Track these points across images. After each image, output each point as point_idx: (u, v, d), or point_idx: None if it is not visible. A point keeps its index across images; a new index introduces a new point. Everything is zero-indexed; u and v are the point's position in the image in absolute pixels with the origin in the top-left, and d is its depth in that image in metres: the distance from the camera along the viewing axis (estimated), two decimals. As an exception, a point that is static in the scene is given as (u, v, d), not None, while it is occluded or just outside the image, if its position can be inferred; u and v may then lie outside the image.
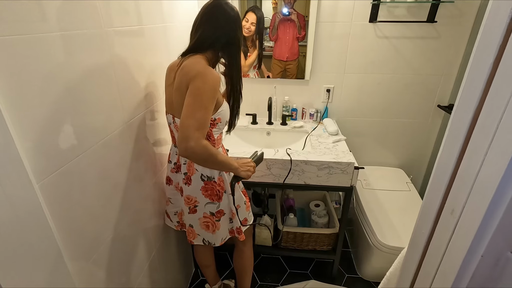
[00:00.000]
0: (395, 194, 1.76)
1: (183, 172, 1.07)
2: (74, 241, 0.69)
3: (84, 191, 0.73)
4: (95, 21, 0.73)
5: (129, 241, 0.99)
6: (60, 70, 0.63)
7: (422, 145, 1.91)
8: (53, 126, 0.62)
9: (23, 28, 0.53)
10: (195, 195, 1.07)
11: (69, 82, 0.66)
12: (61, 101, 0.64)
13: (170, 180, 1.16)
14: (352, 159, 1.38)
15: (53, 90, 0.61)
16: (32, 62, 0.56)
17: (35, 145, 0.56)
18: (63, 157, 0.65)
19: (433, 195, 0.45)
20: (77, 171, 0.69)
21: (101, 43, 0.77)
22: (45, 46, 0.58)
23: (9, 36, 0.50)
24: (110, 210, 0.86)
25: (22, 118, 0.53)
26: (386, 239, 1.45)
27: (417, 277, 0.51)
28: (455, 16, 1.54)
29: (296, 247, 1.68)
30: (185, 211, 1.12)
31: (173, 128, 1.05)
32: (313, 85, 1.78)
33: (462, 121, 0.39)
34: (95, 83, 0.75)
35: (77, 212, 0.70)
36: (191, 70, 0.88)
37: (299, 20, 1.63)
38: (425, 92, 1.75)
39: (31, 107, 0.56)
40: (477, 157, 0.36)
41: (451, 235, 0.42)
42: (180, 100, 0.90)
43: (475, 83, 0.36)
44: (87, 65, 0.71)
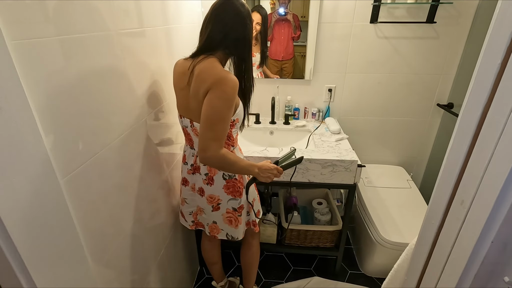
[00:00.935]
0: (396, 191, 1.79)
1: (203, 173, 1.08)
2: (93, 237, 0.71)
3: (100, 189, 0.75)
4: (106, 23, 0.75)
5: (140, 240, 1.01)
6: (80, 72, 0.65)
7: (422, 143, 1.95)
8: (75, 126, 0.64)
9: (46, 31, 0.55)
10: (218, 194, 1.10)
11: (88, 83, 0.68)
12: (82, 102, 0.66)
13: (186, 181, 1.16)
14: (355, 157, 1.41)
15: (74, 91, 0.63)
16: (57, 64, 0.58)
17: (60, 144, 0.58)
18: (83, 156, 0.67)
19: (443, 187, 0.48)
20: (95, 169, 0.71)
21: (113, 45, 0.79)
22: (67, 48, 0.60)
23: (35, 39, 0.52)
24: (123, 209, 0.88)
25: (50, 119, 0.55)
26: (389, 235, 1.49)
27: (427, 265, 0.53)
28: (453, 16, 1.58)
29: (300, 244, 1.71)
30: (207, 209, 1.14)
31: (190, 131, 1.05)
32: (315, 85, 1.81)
33: (471, 117, 0.42)
34: (109, 84, 0.77)
35: (95, 209, 0.72)
36: (208, 77, 0.87)
37: (294, 20, 1.67)
38: (424, 91, 1.79)
39: (57, 108, 0.58)
40: (486, 151, 0.39)
41: (461, 224, 0.44)
42: (198, 107, 0.91)
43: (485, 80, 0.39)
44: (103, 66, 0.73)
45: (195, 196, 1.16)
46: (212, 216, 1.16)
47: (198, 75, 0.89)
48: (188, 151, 1.13)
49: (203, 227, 1.23)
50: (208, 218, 1.17)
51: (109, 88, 0.76)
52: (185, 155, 1.15)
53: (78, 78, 0.64)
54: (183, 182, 1.18)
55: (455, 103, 1.72)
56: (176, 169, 1.34)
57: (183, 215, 1.26)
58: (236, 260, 1.86)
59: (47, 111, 0.55)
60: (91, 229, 0.71)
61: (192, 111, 0.98)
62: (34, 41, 0.52)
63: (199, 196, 1.15)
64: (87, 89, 0.67)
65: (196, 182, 1.13)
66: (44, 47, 0.54)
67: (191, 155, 1.12)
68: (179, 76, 1.00)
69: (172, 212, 1.34)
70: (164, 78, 1.14)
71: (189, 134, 1.07)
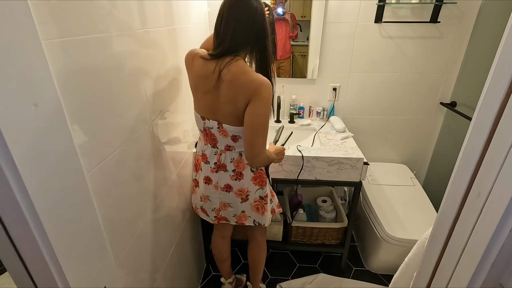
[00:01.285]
0: (400, 189, 1.81)
1: (231, 169, 1.11)
2: (113, 233, 0.73)
3: (118, 184, 0.76)
4: (127, 23, 0.77)
5: (153, 237, 1.03)
6: (103, 71, 0.66)
7: (425, 141, 1.97)
8: (99, 123, 0.65)
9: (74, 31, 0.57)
10: (247, 186, 1.14)
11: (111, 81, 0.69)
12: (105, 100, 0.67)
13: (209, 180, 1.16)
14: (361, 155, 1.43)
15: (98, 88, 0.65)
16: (84, 63, 0.59)
17: (85, 140, 0.60)
18: (105, 152, 0.68)
19: (459, 179, 0.50)
20: (114, 165, 0.73)
21: (133, 45, 0.80)
22: (93, 48, 0.62)
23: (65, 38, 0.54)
24: (137, 206, 0.89)
25: (77, 116, 0.57)
26: (394, 231, 1.51)
27: (442, 256, 0.55)
28: (456, 16, 1.60)
29: (306, 241, 1.73)
30: (235, 203, 1.17)
31: (215, 132, 1.06)
32: (320, 84, 1.83)
33: (489, 109, 0.43)
34: (128, 83, 0.79)
35: (114, 205, 0.74)
36: (247, 84, 0.89)
37: (291, 19, 1.70)
38: (427, 90, 1.81)
39: (84, 106, 0.60)
40: (504, 142, 0.41)
41: (478, 215, 0.46)
42: (234, 111, 0.95)
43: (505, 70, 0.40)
44: (122, 65, 0.75)
45: (220, 194, 1.17)
46: (242, 207, 1.19)
47: (232, 81, 0.91)
48: (209, 150, 1.13)
49: (226, 220, 1.26)
50: (236, 210, 1.20)
51: (128, 87, 0.78)
52: (205, 155, 1.14)
53: (102, 77, 0.66)
54: (205, 180, 1.18)
55: (458, 102, 1.74)
56: (185, 168, 1.36)
57: (205, 211, 1.26)
58: (242, 257, 1.88)
59: (75, 109, 0.57)
60: (111, 225, 0.72)
61: (223, 114, 0.99)
62: (64, 40, 0.53)
63: (224, 193, 1.16)
64: (109, 87, 0.69)
65: (221, 179, 1.14)
66: (72, 46, 0.56)
67: (213, 154, 1.12)
68: (202, 79, 0.98)
69: (182, 211, 1.35)
70: (177, 75, 1.15)
71: (214, 134, 1.07)
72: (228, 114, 0.98)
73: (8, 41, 0.41)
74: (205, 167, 1.16)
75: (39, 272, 0.51)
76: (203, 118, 1.06)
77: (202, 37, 1.57)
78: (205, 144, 1.14)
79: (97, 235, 0.63)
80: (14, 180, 0.43)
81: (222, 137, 1.06)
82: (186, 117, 1.35)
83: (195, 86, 1.03)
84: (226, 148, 1.10)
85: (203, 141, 1.15)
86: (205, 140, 1.14)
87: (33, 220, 0.46)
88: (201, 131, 1.12)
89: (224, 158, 1.11)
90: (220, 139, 1.07)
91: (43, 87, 0.47)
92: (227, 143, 1.08)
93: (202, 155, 1.16)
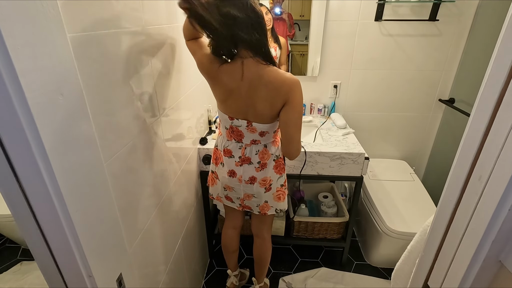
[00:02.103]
0: (400, 184, 1.85)
1: (256, 161, 1.16)
2: (126, 223, 0.76)
3: (129, 176, 0.79)
4: (137, 19, 0.80)
5: (161, 231, 1.05)
6: (118, 65, 0.69)
7: (424, 137, 2.01)
8: (114, 114, 0.68)
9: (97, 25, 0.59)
10: (270, 175, 1.19)
11: (126, 76, 0.72)
12: (118, 95, 0.70)
13: (234, 173, 1.20)
14: (362, 150, 1.46)
15: (114, 85, 0.68)
16: (103, 56, 0.62)
17: (103, 130, 0.63)
18: (119, 143, 0.71)
19: (461, 165, 0.53)
20: (128, 156, 0.76)
21: (145, 41, 0.83)
22: (111, 42, 0.65)
23: (88, 32, 0.57)
24: (147, 199, 0.92)
25: (97, 107, 0.60)
26: (395, 225, 1.54)
27: (445, 238, 0.59)
28: (455, 15, 1.64)
29: (307, 236, 1.76)
30: (259, 193, 1.21)
31: (244, 129, 1.10)
32: (321, 82, 1.86)
33: (489, 97, 0.46)
34: (139, 79, 0.81)
35: (127, 194, 0.77)
36: (282, 85, 0.95)
37: (289, 19, 1.74)
38: (426, 87, 1.85)
39: (103, 98, 0.62)
40: (503, 129, 0.44)
41: (479, 198, 0.49)
42: (269, 112, 1.01)
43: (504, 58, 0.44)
44: (137, 60, 0.78)
45: (243, 186, 1.21)
46: (265, 197, 1.23)
47: (269, 84, 0.95)
48: (234, 145, 1.16)
49: (250, 209, 1.30)
50: (259, 200, 1.25)
51: (139, 83, 0.81)
52: (229, 150, 1.17)
53: (118, 71, 0.69)
54: (230, 174, 1.21)
55: (456, 98, 1.78)
56: (189, 163, 1.39)
57: (230, 199, 1.30)
58: (245, 253, 1.91)
59: (96, 101, 0.59)
60: (125, 215, 0.75)
61: (255, 114, 1.04)
62: (87, 34, 0.56)
63: (248, 185, 1.20)
64: (124, 82, 0.72)
65: (245, 172, 1.18)
66: (93, 40, 0.59)
67: (237, 148, 1.16)
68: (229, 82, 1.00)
69: (187, 206, 1.38)
70: (182, 73, 1.18)
71: (241, 131, 1.11)
72: (262, 114, 1.03)
73: (40, 33, 0.43)
74: (229, 161, 1.19)
75: (63, 258, 0.53)
76: (231, 118, 1.09)
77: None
78: (229, 140, 1.17)
79: (114, 223, 0.65)
80: (44, 166, 0.46)
81: (249, 133, 1.10)
82: (190, 114, 1.38)
83: (218, 89, 1.06)
84: (252, 142, 1.14)
85: (226, 137, 1.18)
86: (228, 136, 1.16)
87: (59, 204, 0.49)
88: (226, 128, 1.15)
89: (250, 152, 1.15)
90: (247, 135, 1.11)
91: (69, 78, 0.49)
92: (253, 138, 1.12)
93: (225, 150, 1.19)
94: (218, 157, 1.24)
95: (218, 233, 1.83)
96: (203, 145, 1.51)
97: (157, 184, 1.00)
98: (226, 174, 1.21)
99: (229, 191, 1.27)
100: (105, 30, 0.63)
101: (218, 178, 1.27)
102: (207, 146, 1.51)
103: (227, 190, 1.27)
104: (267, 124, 1.07)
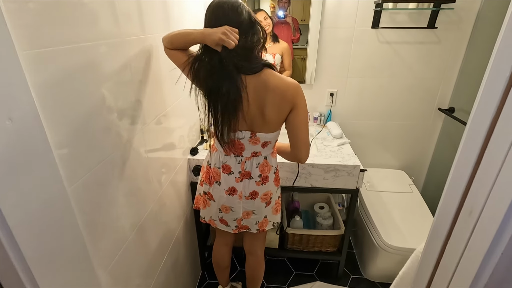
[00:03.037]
0: (398, 195, 1.79)
1: (257, 175, 1.10)
2: (99, 244, 0.71)
3: (105, 196, 0.75)
4: (111, 31, 0.76)
5: (144, 246, 1.01)
6: (86, 80, 0.65)
7: (423, 147, 1.95)
8: (83, 134, 0.64)
9: (53, 41, 0.55)
10: (270, 188, 1.15)
11: (95, 91, 0.68)
12: (88, 111, 0.66)
13: (234, 190, 1.13)
14: (357, 162, 1.41)
15: (81, 100, 0.63)
16: (65, 73, 0.58)
17: (68, 153, 0.59)
18: (90, 163, 0.67)
19: (451, 196, 0.48)
20: (101, 176, 0.71)
21: (118, 53, 0.79)
22: (73, 57, 0.61)
23: (43, 49, 0.53)
24: (127, 216, 0.88)
25: (58, 128, 0.56)
26: (391, 240, 1.49)
27: (434, 275, 0.54)
28: (454, 22, 1.59)
29: (302, 249, 1.71)
30: (260, 208, 1.17)
31: (246, 141, 1.04)
32: (317, 89, 1.82)
33: (480, 123, 0.42)
34: (115, 91, 0.77)
35: (100, 216, 0.72)
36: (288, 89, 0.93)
37: (293, 23, 1.70)
38: (425, 95, 1.79)
39: (65, 118, 0.58)
40: (497, 158, 0.39)
41: (470, 234, 0.44)
42: (276, 117, 0.98)
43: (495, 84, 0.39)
44: (108, 73, 0.74)
45: (244, 203, 1.15)
46: (265, 212, 1.19)
47: (276, 88, 0.93)
48: (232, 160, 1.09)
49: (247, 228, 1.24)
50: (259, 216, 1.20)
51: (114, 95, 0.77)
52: (228, 166, 1.10)
53: (84, 87, 0.65)
54: (229, 192, 1.13)
55: (456, 108, 1.73)
56: (179, 174, 1.34)
57: (225, 222, 1.22)
58: (238, 265, 1.86)
59: (55, 121, 0.55)
60: (97, 236, 0.71)
61: (262, 122, 0.99)
62: (43, 51, 0.52)
63: (249, 201, 1.15)
64: (93, 97, 0.68)
65: (245, 188, 1.12)
66: (51, 56, 0.55)
67: (236, 163, 1.10)
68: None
69: (176, 217, 1.34)
70: (164, 83, 1.14)
71: (242, 144, 1.05)
72: (270, 121, 0.99)
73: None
74: (229, 178, 1.12)
75: (9, 282, 0.49)
76: (233, 130, 1.01)
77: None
78: (226, 155, 1.10)
79: (78, 247, 0.61)
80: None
81: (251, 145, 1.05)
82: (181, 122, 1.34)
83: None
84: (252, 154, 1.08)
85: (222, 152, 1.10)
86: (226, 152, 1.09)
87: (7, 242, 0.45)
88: (225, 142, 1.05)
89: (250, 165, 1.10)
90: (248, 147, 1.06)
91: (20, 100, 0.46)
92: (254, 150, 1.07)
93: (223, 166, 1.11)
94: (213, 176, 1.15)
95: (211, 245, 1.77)
96: (194, 155, 1.47)
97: (141, 198, 0.96)
98: (225, 193, 1.13)
99: (225, 212, 1.20)
100: (69, 45, 0.59)
101: (213, 199, 1.18)
102: (197, 156, 1.46)
103: (222, 212, 1.20)
104: (271, 134, 1.04)
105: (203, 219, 1.27)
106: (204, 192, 1.21)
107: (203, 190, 1.22)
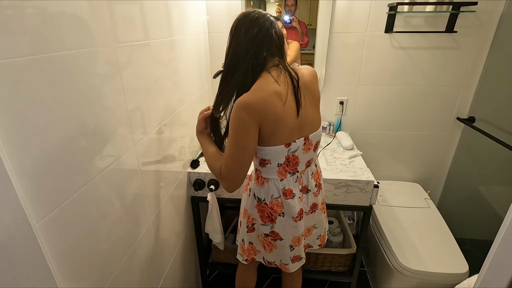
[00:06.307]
0: (413, 211, 1.67)
1: (313, 186, 1.02)
2: (75, 283, 0.62)
3: (84, 228, 0.65)
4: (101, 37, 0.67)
5: (141, 268, 0.92)
6: (63, 95, 0.56)
7: (440, 158, 1.83)
8: (54, 162, 0.55)
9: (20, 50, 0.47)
10: (324, 196, 1.13)
11: (72, 104, 0.59)
12: (60, 131, 0.57)
13: (302, 212, 1.00)
14: (371, 177, 1.30)
15: (55, 123, 0.55)
16: (33, 90, 0.49)
17: (34, 187, 0.49)
18: (63, 194, 0.57)
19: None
20: (77, 207, 0.62)
21: (107, 61, 0.71)
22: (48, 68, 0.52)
23: (6, 59, 0.44)
24: (110, 250, 0.78)
25: (20, 159, 0.46)
26: (409, 262, 1.36)
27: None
28: (475, 25, 1.48)
29: (310, 268, 1.59)
30: (322, 219, 1.12)
31: (299, 153, 0.92)
32: (326, 97, 1.72)
33: None
34: (102, 104, 0.69)
35: (77, 251, 0.63)
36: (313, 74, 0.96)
37: (301, 27, 1.64)
38: (443, 104, 1.68)
39: (29, 145, 0.49)
40: None
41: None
42: (318, 107, 0.96)
43: None
44: (91, 85, 0.65)
45: (305, 220, 1.05)
46: (323, 223, 1.15)
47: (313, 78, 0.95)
48: (290, 181, 0.95)
49: (308, 247, 1.16)
50: (320, 230, 1.14)
51: (99, 109, 0.68)
52: (290, 189, 0.96)
53: (59, 102, 0.56)
54: (300, 217, 0.99)
55: (476, 117, 1.60)
56: (178, 189, 1.25)
57: (298, 257, 1.08)
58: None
59: (16, 152, 0.46)
60: (73, 274, 0.61)
61: (311, 121, 0.93)
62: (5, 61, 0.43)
63: (310, 216, 1.06)
64: (68, 112, 0.59)
65: (305, 204, 1.02)
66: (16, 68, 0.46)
67: (294, 182, 0.96)
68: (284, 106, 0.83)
69: (175, 234, 1.24)
70: (166, 92, 1.06)
71: (297, 157, 0.92)
72: (315, 116, 0.95)
73: None
74: (294, 202, 0.97)
75: None
76: (287, 145, 0.88)
77: (201, 48, 1.49)
78: (282, 180, 0.95)
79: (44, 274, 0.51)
80: None
81: (304, 154, 0.94)
82: (183, 132, 1.26)
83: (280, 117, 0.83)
84: (306, 165, 0.98)
85: (278, 177, 0.94)
86: (282, 174, 0.94)
87: None
88: (280, 164, 0.92)
89: (306, 179, 0.99)
90: (302, 158, 0.94)
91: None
92: (307, 159, 0.96)
93: (285, 192, 0.95)
94: (273, 212, 0.98)
95: (213, 263, 1.67)
96: (195, 168, 1.38)
97: (134, 217, 0.87)
98: (294, 221, 0.98)
99: (310, 234, 1.12)
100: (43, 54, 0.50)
101: (281, 237, 1.01)
102: (198, 170, 1.37)
103: (310, 234, 1.11)
104: (319, 130, 0.97)
105: (269, 263, 1.10)
106: (265, 235, 1.03)
107: (262, 233, 1.03)
